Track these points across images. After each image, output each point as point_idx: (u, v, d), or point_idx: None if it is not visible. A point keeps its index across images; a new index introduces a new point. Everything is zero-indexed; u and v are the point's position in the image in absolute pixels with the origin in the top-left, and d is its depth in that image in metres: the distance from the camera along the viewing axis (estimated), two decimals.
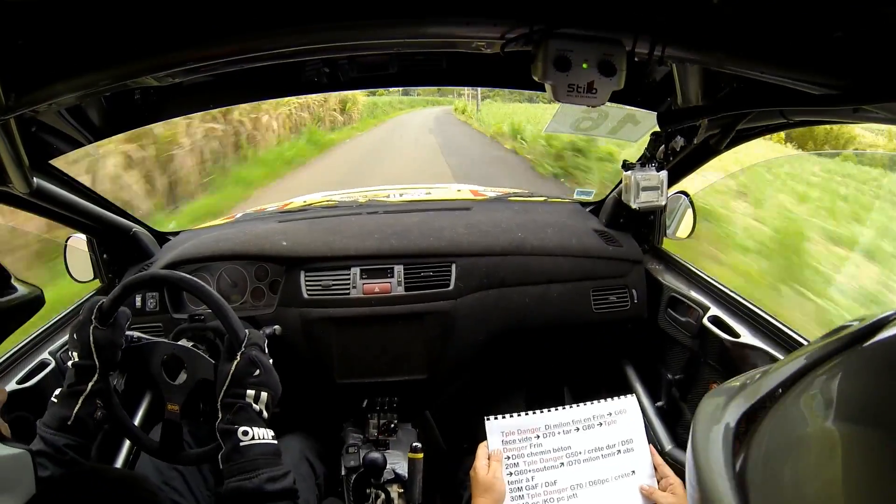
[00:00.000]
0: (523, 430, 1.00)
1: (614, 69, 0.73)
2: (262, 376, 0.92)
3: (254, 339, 0.96)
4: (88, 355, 0.95)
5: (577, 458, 0.98)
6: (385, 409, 1.51)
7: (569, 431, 1.01)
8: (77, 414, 0.91)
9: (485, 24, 0.70)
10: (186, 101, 1.25)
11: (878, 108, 0.73)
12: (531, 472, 0.97)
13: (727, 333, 1.28)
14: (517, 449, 0.99)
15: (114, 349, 0.98)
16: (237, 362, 0.92)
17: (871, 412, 0.26)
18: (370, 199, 1.99)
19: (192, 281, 1.02)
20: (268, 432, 0.88)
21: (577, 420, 1.01)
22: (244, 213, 2.00)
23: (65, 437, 0.89)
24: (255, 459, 0.84)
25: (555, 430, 1.00)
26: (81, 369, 0.94)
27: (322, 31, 0.70)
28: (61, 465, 0.86)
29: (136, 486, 0.94)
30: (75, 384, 0.93)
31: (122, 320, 1.01)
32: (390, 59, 1.18)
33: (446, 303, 1.46)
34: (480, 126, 15.38)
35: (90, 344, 0.95)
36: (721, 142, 1.18)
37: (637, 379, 1.64)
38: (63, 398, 0.93)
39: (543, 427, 1.00)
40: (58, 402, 0.93)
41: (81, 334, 0.96)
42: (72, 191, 1.28)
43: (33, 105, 0.74)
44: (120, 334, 1.00)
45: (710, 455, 0.33)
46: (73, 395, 0.93)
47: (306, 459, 1.30)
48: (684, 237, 1.62)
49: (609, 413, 1.02)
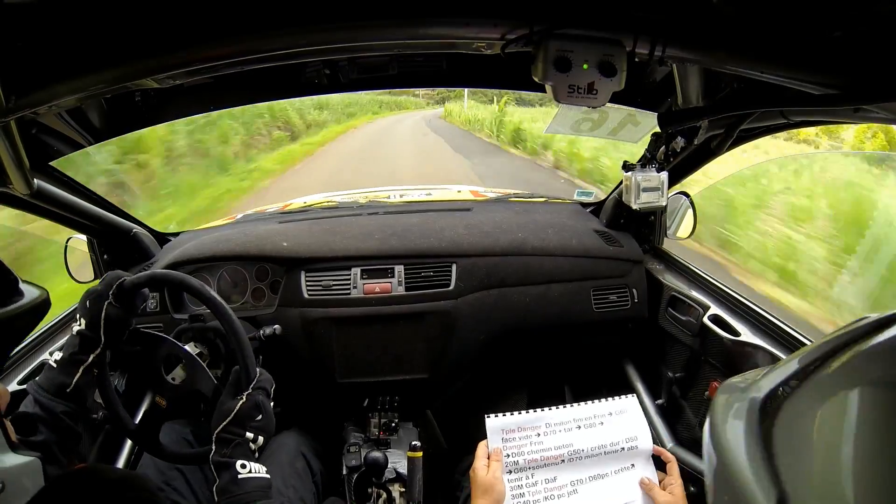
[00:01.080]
0: (524, 428, 1.00)
1: (615, 70, 0.73)
2: (262, 422, 0.92)
3: (262, 383, 0.96)
4: (96, 328, 0.95)
5: (578, 456, 0.98)
6: (386, 408, 1.51)
7: (570, 430, 1.00)
8: (77, 382, 0.92)
9: (485, 24, 0.70)
10: (187, 103, 1.25)
11: (879, 108, 0.73)
12: (531, 469, 0.97)
13: (727, 332, 1.28)
14: (517, 446, 0.98)
15: (123, 328, 0.99)
16: (242, 403, 0.91)
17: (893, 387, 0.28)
18: (371, 199, 2.00)
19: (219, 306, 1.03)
20: (262, 468, 0.89)
21: (579, 418, 1.01)
22: (245, 214, 2.00)
23: (62, 404, 0.89)
24: (251, 492, 0.85)
25: (556, 428, 1.00)
26: (86, 340, 0.94)
27: (322, 32, 0.70)
28: (57, 431, 0.87)
29: (136, 486, 0.94)
30: (78, 353, 0.93)
31: (138, 301, 1.01)
32: (390, 60, 1.18)
33: (447, 302, 1.46)
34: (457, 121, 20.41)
35: (101, 318, 0.95)
36: (722, 143, 1.18)
37: (638, 378, 1.65)
38: (63, 365, 0.93)
39: (544, 425, 1.00)
40: (57, 367, 0.93)
41: (95, 307, 0.96)
42: (72, 192, 1.28)
43: (33, 107, 0.74)
44: (132, 315, 1.01)
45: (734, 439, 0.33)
46: (75, 363, 0.93)
47: (302, 455, 1.30)
48: (685, 238, 1.63)
49: (610, 413, 1.02)
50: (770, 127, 1.12)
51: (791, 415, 0.32)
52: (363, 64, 1.18)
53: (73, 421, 0.90)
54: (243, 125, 10.05)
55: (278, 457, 1.25)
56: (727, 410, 0.36)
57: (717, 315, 1.34)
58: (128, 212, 1.59)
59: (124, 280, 0.99)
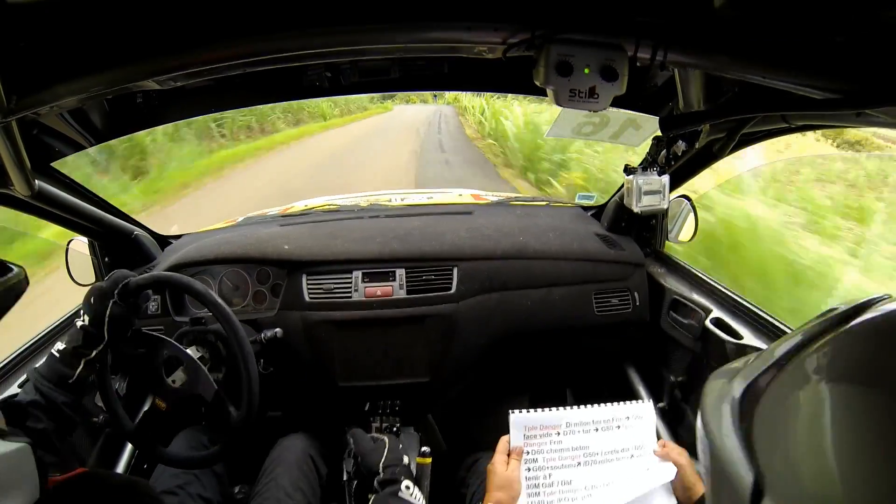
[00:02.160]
0: (545, 426, 0.99)
1: (616, 74, 0.72)
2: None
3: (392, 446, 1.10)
4: (100, 325, 0.96)
5: (593, 459, 0.98)
6: (387, 412, 1.50)
7: (588, 431, 1.00)
8: (79, 375, 0.93)
9: (487, 29, 0.70)
10: (189, 105, 1.25)
11: (881, 113, 0.72)
12: (549, 468, 0.96)
13: (729, 335, 1.28)
14: (538, 444, 0.98)
15: (126, 327, 1.00)
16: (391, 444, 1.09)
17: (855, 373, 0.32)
18: (372, 203, 2.00)
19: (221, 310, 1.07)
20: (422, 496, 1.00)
21: (598, 420, 1.01)
22: (246, 217, 2.00)
23: (63, 395, 0.90)
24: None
25: (575, 428, 1.00)
26: (90, 336, 0.95)
27: (324, 35, 0.70)
28: (56, 420, 0.89)
29: (139, 492, 0.94)
30: (81, 347, 0.94)
31: (142, 302, 1.02)
32: (392, 63, 1.19)
33: (448, 306, 1.46)
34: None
35: (105, 317, 0.96)
36: (724, 147, 1.18)
37: (639, 381, 1.64)
38: (66, 356, 0.94)
39: (564, 424, 1.00)
40: (59, 357, 0.94)
41: (100, 304, 0.97)
42: (73, 193, 1.28)
43: (35, 108, 0.74)
44: (135, 315, 1.02)
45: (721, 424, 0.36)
46: (77, 356, 0.94)
47: (310, 458, 1.29)
48: (686, 241, 1.62)
49: (627, 417, 1.02)
50: (772, 131, 1.12)
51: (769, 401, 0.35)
52: (365, 67, 1.18)
53: (71, 411, 0.92)
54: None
55: (287, 459, 1.25)
56: (717, 397, 0.40)
57: (719, 318, 1.34)
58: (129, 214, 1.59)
59: (129, 280, 1.00)
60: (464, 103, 18.20)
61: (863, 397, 0.30)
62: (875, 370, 0.31)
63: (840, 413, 0.30)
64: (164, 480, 1.15)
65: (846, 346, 0.35)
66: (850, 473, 0.28)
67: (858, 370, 0.32)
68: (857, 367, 0.33)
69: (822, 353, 0.35)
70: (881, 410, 0.29)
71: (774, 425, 0.34)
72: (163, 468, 1.17)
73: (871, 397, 0.30)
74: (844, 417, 0.30)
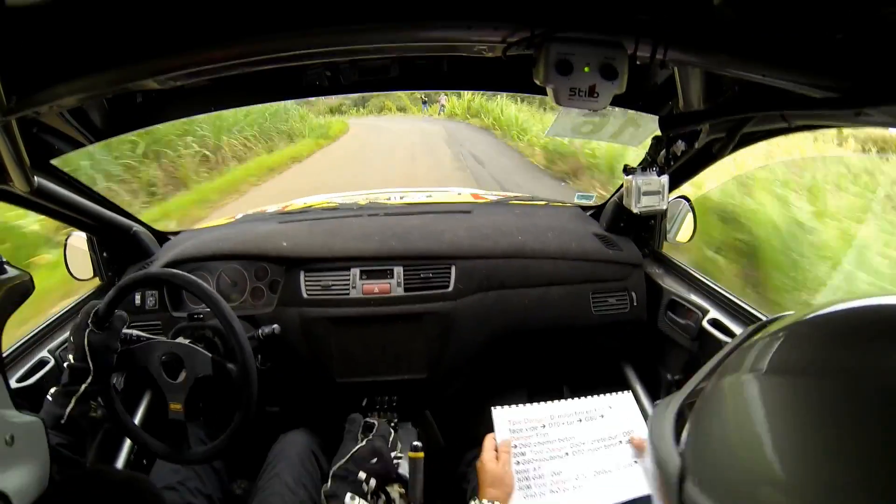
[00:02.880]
0: (530, 420, 1.01)
1: (616, 73, 0.72)
2: (377, 465, 1.05)
3: (381, 431, 1.13)
4: (83, 358, 0.97)
5: (580, 449, 0.99)
6: (385, 408, 1.51)
7: (572, 422, 1.02)
8: (70, 414, 0.93)
9: (486, 28, 0.70)
10: (188, 104, 1.25)
11: (880, 112, 0.72)
12: (538, 461, 0.97)
13: (727, 336, 1.28)
14: (525, 438, 0.99)
15: (109, 353, 1.00)
16: (361, 446, 1.07)
17: (766, 367, 0.38)
18: (371, 201, 1.99)
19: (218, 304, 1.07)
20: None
21: (580, 411, 1.03)
22: (245, 214, 2.00)
23: (58, 436, 0.90)
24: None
25: (559, 420, 1.02)
26: (75, 371, 0.96)
27: (324, 34, 0.70)
28: (55, 462, 0.87)
29: (140, 487, 0.94)
30: (69, 384, 0.95)
31: (117, 324, 1.03)
32: (391, 62, 1.18)
33: (445, 304, 1.46)
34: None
35: (84, 347, 0.97)
36: (724, 147, 1.17)
37: (637, 380, 1.64)
38: (57, 397, 0.95)
39: (549, 417, 1.02)
40: (52, 400, 0.94)
41: (77, 338, 0.98)
42: (72, 190, 1.28)
43: (35, 107, 0.74)
44: (115, 338, 1.02)
45: (662, 435, 0.43)
46: (67, 394, 0.94)
47: (313, 454, 1.29)
48: (685, 241, 1.62)
49: (609, 406, 1.05)
50: (771, 131, 1.12)
51: (701, 401, 0.42)
52: (364, 66, 1.18)
53: (71, 452, 0.91)
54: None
55: (290, 454, 1.25)
56: (663, 406, 0.48)
57: (716, 319, 1.34)
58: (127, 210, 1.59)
59: (98, 307, 1.01)
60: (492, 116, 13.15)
61: (759, 384, 0.37)
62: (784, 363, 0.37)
63: (756, 414, 0.35)
64: (163, 476, 1.15)
65: (747, 354, 0.40)
66: (759, 455, 0.33)
67: (775, 364, 0.38)
68: (774, 362, 0.38)
69: (734, 360, 0.41)
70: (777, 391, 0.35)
71: (698, 429, 0.40)
72: (162, 463, 1.17)
73: (765, 384, 0.36)
74: (750, 404, 0.36)
